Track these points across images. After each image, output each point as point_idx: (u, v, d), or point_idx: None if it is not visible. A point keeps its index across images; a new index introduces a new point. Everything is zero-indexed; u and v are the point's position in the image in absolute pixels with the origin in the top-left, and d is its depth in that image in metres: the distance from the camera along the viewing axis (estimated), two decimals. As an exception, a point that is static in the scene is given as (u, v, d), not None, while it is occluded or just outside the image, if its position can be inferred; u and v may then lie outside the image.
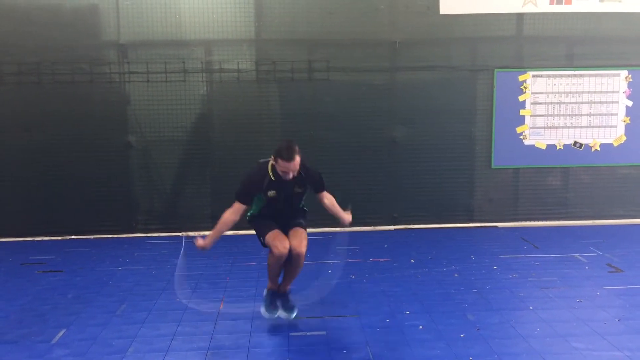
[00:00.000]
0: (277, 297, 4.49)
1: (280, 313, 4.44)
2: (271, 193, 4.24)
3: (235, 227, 7.02)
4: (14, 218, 6.99)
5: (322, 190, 4.44)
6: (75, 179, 6.97)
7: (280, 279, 4.51)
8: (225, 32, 6.89)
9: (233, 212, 4.26)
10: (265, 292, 4.54)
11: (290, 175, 4.15)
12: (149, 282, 5.41)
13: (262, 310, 4.45)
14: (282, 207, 4.34)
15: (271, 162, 4.22)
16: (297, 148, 4.10)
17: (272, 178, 4.21)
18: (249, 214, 4.45)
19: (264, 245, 4.34)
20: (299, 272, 4.43)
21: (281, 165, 4.09)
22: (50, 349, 4.03)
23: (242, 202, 4.26)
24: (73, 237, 7.04)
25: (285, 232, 4.32)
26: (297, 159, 4.09)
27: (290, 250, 4.22)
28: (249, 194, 4.28)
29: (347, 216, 4.45)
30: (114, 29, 6.83)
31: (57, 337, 4.21)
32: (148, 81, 6.91)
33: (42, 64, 6.79)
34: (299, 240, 4.26)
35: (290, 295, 4.53)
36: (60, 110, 6.87)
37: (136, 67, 6.88)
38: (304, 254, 4.27)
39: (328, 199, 4.48)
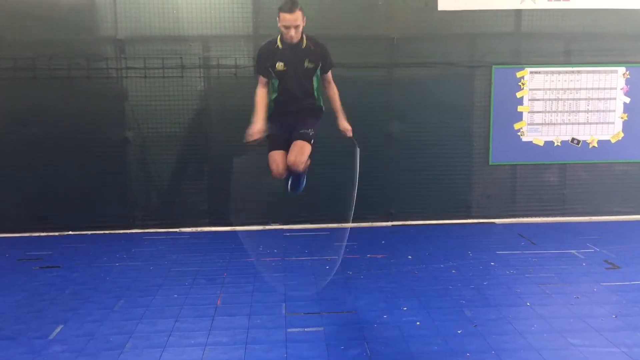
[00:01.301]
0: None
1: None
2: (279, 65, 4.34)
3: (233, 223, 7.10)
4: (10, 213, 6.97)
5: (328, 69, 4.57)
6: (72, 174, 6.95)
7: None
8: (223, 27, 6.86)
9: (260, 86, 4.52)
10: None
11: (293, 33, 4.26)
12: (146, 278, 5.41)
13: None
14: (294, 83, 4.40)
15: (279, 34, 4.38)
16: (299, 6, 4.25)
17: (280, 46, 4.35)
18: (268, 113, 4.57)
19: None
20: (301, 174, 4.62)
21: (282, 19, 4.23)
22: (48, 345, 4.02)
23: (261, 74, 4.50)
24: (70, 232, 7.03)
25: (293, 137, 4.48)
26: (299, 13, 4.23)
27: (288, 166, 4.46)
28: (263, 65, 4.47)
29: (346, 125, 4.58)
30: (111, 24, 6.80)
31: (54, 333, 4.21)
32: (145, 77, 6.89)
33: (38, 59, 6.76)
34: (295, 154, 4.39)
35: (302, 178, 4.68)
36: (57, 105, 6.84)
37: (133, 63, 6.86)
38: (300, 168, 4.43)
39: (333, 89, 4.64)
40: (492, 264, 5.70)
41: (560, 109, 7.31)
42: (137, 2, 6.75)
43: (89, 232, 7.01)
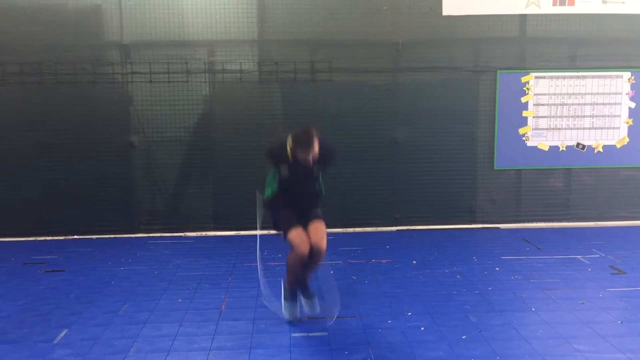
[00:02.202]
0: (296, 289, 4.44)
1: (303, 305, 4.42)
2: (284, 172, 4.20)
3: (238, 227, 7.11)
4: (16, 218, 7.00)
5: (333, 163, 4.40)
6: (77, 179, 6.98)
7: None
8: (228, 32, 6.89)
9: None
10: (283, 287, 4.51)
11: (311, 162, 4.10)
12: (151, 282, 5.42)
13: (282, 308, 4.44)
14: (298, 187, 4.28)
15: (289, 145, 4.13)
16: (314, 132, 3.99)
17: (290, 160, 4.15)
18: (265, 195, 4.41)
19: (285, 239, 4.31)
20: (319, 266, 4.44)
21: (300, 153, 4.04)
22: (52, 349, 4.03)
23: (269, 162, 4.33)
24: (75, 237, 7.05)
25: (304, 223, 4.29)
26: (316, 145, 4.00)
27: (310, 247, 4.22)
28: (273, 161, 4.30)
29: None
30: (116, 29, 6.83)
31: (59, 337, 4.22)
32: (151, 81, 6.92)
33: (44, 63, 6.80)
34: (320, 236, 4.26)
35: (309, 283, 4.48)
36: (63, 110, 6.88)
37: (139, 68, 6.89)
38: (325, 250, 4.29)
39: None
40: (497, 269, 5.69)
41: (565, 113, 7.30)
42: (142, 8, 6.79)
43: (94, 237, 7.03)
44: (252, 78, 6.98)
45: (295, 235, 4.21)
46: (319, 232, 4.29)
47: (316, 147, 4.04)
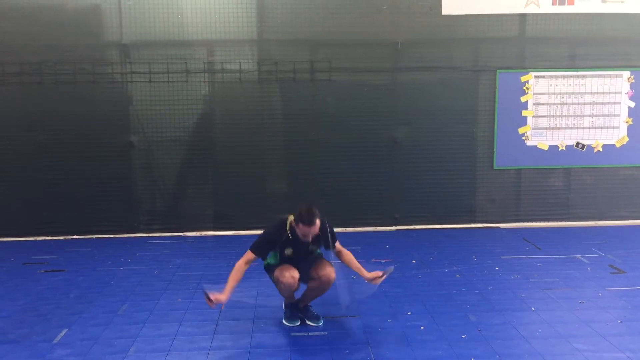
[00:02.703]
0: (297, 309, 4.45)
1: (307, 322, 4.39)
2: (288, 251, 4.22)
3: (238, 227, 7.12)
4: (15, 217, 7.00)
5: (333, 245, 4.31)
6: (77, 179, 6.98)
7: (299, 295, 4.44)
8: (228, 32, 6.89)
9: (245, 262, 4.19)
10: (283, 304, 4.51)
11: (310, 239, 4.12)
12: (150, 282, 5.42)
13: (283, 320, 4.43)
14: (298, 261, 4.30)
15: (290, 220, 4.14)
16: (317, 211, 4.04)
17: (290, 236, 4.17)
18: (265, 262, 4.40)
19: (274, 281, 4.31)
20: (322, 294, 4.40)
21: (301, 229, 4.05)
22: (52, 349, 4.03)
23: (256, 254, 4.21)
24: (75, 237, 7.05)
25: (304, 275, 4.27)
26: (318, 222, 4.03)
27: (320, 277, 4.21)
28: (264, 250, 4.25)
29: (373, 273, 4.26)
30: (116, 29, 6.83)
31: (58, 337, 4.22)
32: (150, 81, 6.92)
33: (44, 63, 6.80)
34: (328, 268, 4.24)
35: (311, 307, 4.47)
36: (63, 110, 6.88)
37: (138, 67, 6.89)
38: (334, 279, 4.26)
39: (346, 256, 4.35)
40: (497, 268, 5.69)
41: (565, 113, 7.30)
42: (142, 7, 6.79)
43: (94, 236, 7.03)
44: (252, 78, 6.98)
45: (280, 269, 4.18)
46: (326, 265, 4.28)
47: (317, 226, 4.04)
